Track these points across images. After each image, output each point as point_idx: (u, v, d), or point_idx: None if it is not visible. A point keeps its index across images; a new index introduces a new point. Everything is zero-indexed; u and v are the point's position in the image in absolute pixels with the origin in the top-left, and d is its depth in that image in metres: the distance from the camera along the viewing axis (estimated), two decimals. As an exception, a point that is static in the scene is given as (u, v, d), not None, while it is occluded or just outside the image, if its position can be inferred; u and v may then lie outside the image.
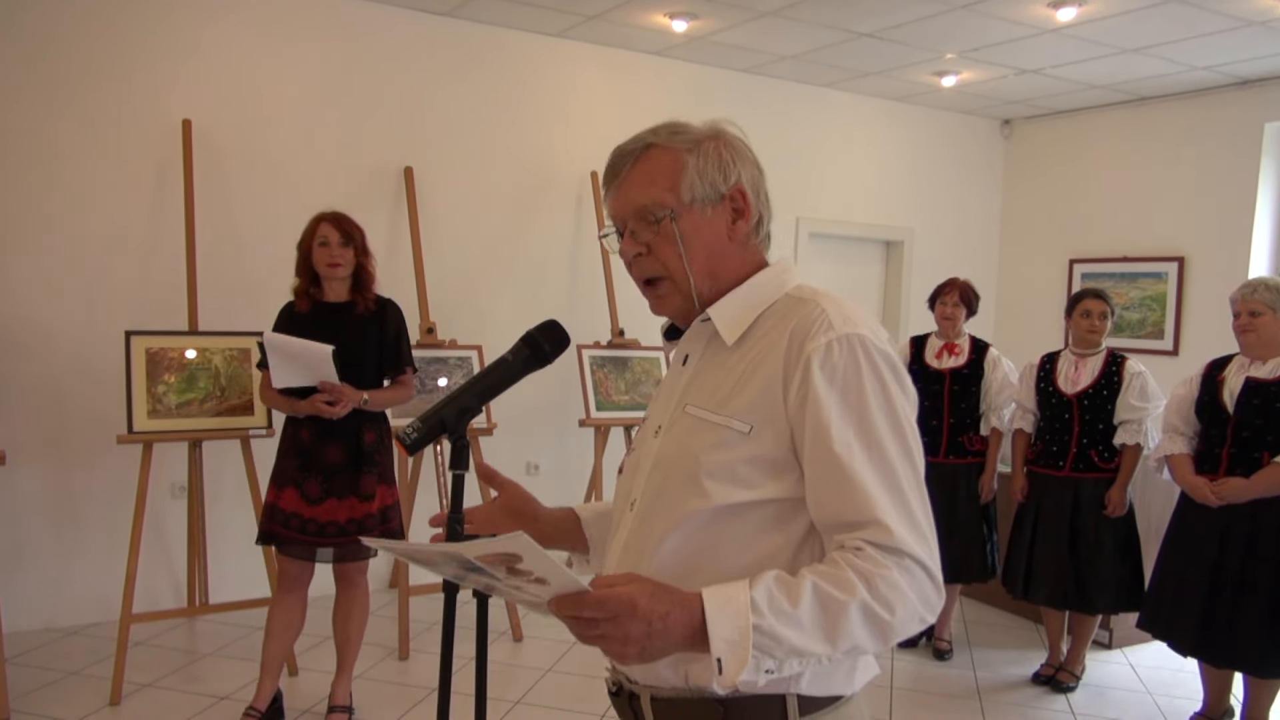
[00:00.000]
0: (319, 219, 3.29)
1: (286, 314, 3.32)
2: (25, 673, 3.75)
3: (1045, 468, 3.99)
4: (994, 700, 3.89)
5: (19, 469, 4.12)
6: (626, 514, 1.34)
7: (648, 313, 1.41)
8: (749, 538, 1.23)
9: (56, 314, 4.25)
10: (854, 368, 1.20)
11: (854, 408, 1.19)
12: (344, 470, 3.24)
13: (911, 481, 1.19)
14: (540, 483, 5.50)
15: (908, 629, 1.15)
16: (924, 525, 1.18)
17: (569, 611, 1.07)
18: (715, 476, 1.22)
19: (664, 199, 1.29)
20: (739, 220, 1.33)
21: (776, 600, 1.10)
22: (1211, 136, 5.93)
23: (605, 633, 1.07)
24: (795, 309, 1.28)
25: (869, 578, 1.12)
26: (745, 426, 1.23)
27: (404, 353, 3.40)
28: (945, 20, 4.82)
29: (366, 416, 3.29)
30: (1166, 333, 6.14)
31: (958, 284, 4.34)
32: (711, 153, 1.31)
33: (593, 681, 3.82)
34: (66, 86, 4.22)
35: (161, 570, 4.49)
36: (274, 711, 3.36)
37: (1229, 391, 3.37)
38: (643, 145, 1.32)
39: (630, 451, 1.44)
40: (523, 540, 1.01)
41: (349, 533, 3.23)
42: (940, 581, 1.18)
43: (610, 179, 1.35)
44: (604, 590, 1.07)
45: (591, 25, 5.16)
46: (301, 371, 3.17)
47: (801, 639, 1.10)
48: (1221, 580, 3.33)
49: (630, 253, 1.33)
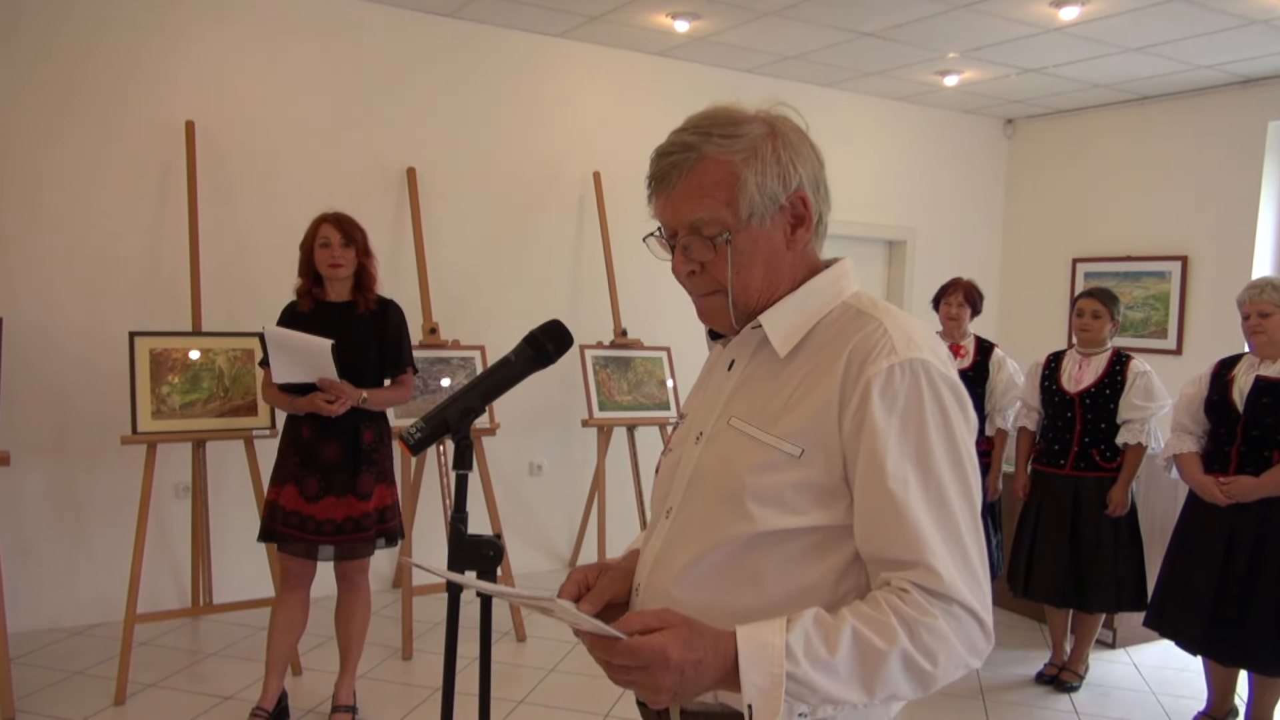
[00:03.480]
0: (321, 220, 3.30)
1: (289, 313, 3.33)
2: (30, 673, 3.76)
3: (1047, 466, 3.99)
4: (997, 700, 3.88)
5: (24, 470, 4.13)
6: (662, 521, 1.30)
7: (650, 313, 1.41)
8: (791, 564, 1.17)
9: (60, 315, 4.26)
10: (916, 396, 1.14)
11: (913, 439, 1.13)
12: (342, 468, 3.25)
13: (968, 521, 1.14)
14: (542, 483, 5.51)
15: (950, 677, 1.11)
16: (978, 569, 1.13)
17: (602, 657, 1.06)
18: (761, 500, 1.17)
19: (720, 216, 1.19)
20: (799, 228, 1.24)
21: (813, 646, 1.05)
22: (1215, 135, 5.92)
23: (637, 680, 1.06)
24: (854, 323, 1.20)
25: (912, 625, 1.07)
26: (796, 450, 1.16)
27: (404, 353, 3.40)
28: (947, 20, 4.81)
29: (365, 415, 3.30)
30: (1170, 332, 6.14)
31: (962, 284, 4.34)
32: (770, 158, 1.21)
33: (596, 681, 3.83)
34: (69, 88, 4.23)
35: (166, 570, 4.50)
36: (280, 711, 3.36)
37: (1238, 390, 3.36)
38: (695, 155, 1.20)
39: (667, 451, 1.38)
40: (558, 604, 1.03)
41: (346, 531, 3.24)
42: (990, 628, 1.13)
43: (659, 186, 1.24)
44: (637, 641, 1.05)
45: (594, 26, 5.16)
46: (301, 367, 3.18)
47: (837, 688, 1.06)
48: (1229, 579, 3.32)
49: (683, 271, 1.25)
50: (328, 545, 3.27)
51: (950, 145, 6.88)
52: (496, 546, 1.42)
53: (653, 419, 5.08)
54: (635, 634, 1.06)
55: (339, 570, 3.38)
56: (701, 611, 1.15)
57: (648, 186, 1.27)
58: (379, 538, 3.34)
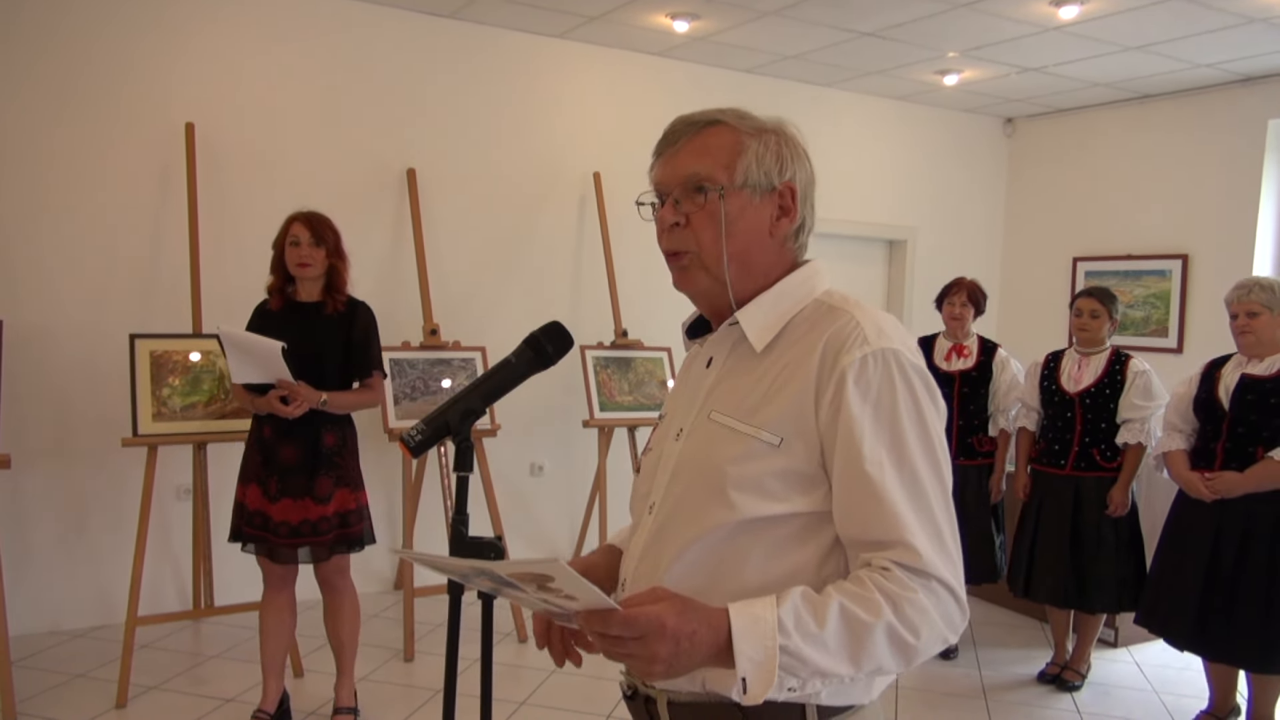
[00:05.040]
0: (292, 219, 3.26)
1: (258, 312, 3.31)
2: (31, 675, 3.76)
3: (1047, 466, 3.98)
4: (1000, 699, 3.88)
5: (24, 472, 4.13)
6: (645, 516, 1.33)
7: (651, 313, 1.42)
8: (774, 551, 1.21)
9: (61, 318, 4.26)
10: (888, 384, 1.19)
11: (887, 425, 1.18)
12: (298, 471, 3.20)
13: (941, 502, 1.19)
14: (544, 484, 5.50)
15: (931, 650, 1.16)
16: (951, 547, 1.18)
17: (597, 629, 1.07)
18: (742, 489, 1.21)
19: (717, 174, 1.27)
20: (783, 218, 1.31)
21: (803, 621, 1.09)
22: (1215, 134, 5.92)
23: (633, 651, 1.07)
24: (827, 317, 1.26)
25: (895, 600, 1.12)
26: (775, 439, 1.21)
27: (372, 356, 3.33)
28: (947, 19, 4.81)
29: (327, 418, 3.24)
30: (1171, 330, 6.13)
31: (965, 284, 4.34)
32: (773, 144, 1.30)
33: (598, 682, 3.83)
34: (67, 90, 4.23)
35: (167, 573, 4.50)
36: (282, 713, 3.36)
37: (1224, 388, 3.40)
38: (709, 120, 1.30)
39: (647, 451, 1.43)
40: (558, 566, 1.02)
41: (302, 534, 3.19)
42: (964, 603, 1.18)
43: (665, 145, 1.32)
44: (633, 610, 1.07)
45: (593, 26, 5.16)
46: (255, 367, 3.15)
47: (826, 660, 1.10)
48: (1216, 575, 3.35)
49: (668, 220, 1.30)
50: (288, 548, 3.23)
51: (951, 144, 6.88)
52: (498, 548, 1.41)
53: (653, 420, 5.06)
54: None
55: (317, 574, 3.34)
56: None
57: (654, 154, 1.34)
58: (339, 543, 3.27)
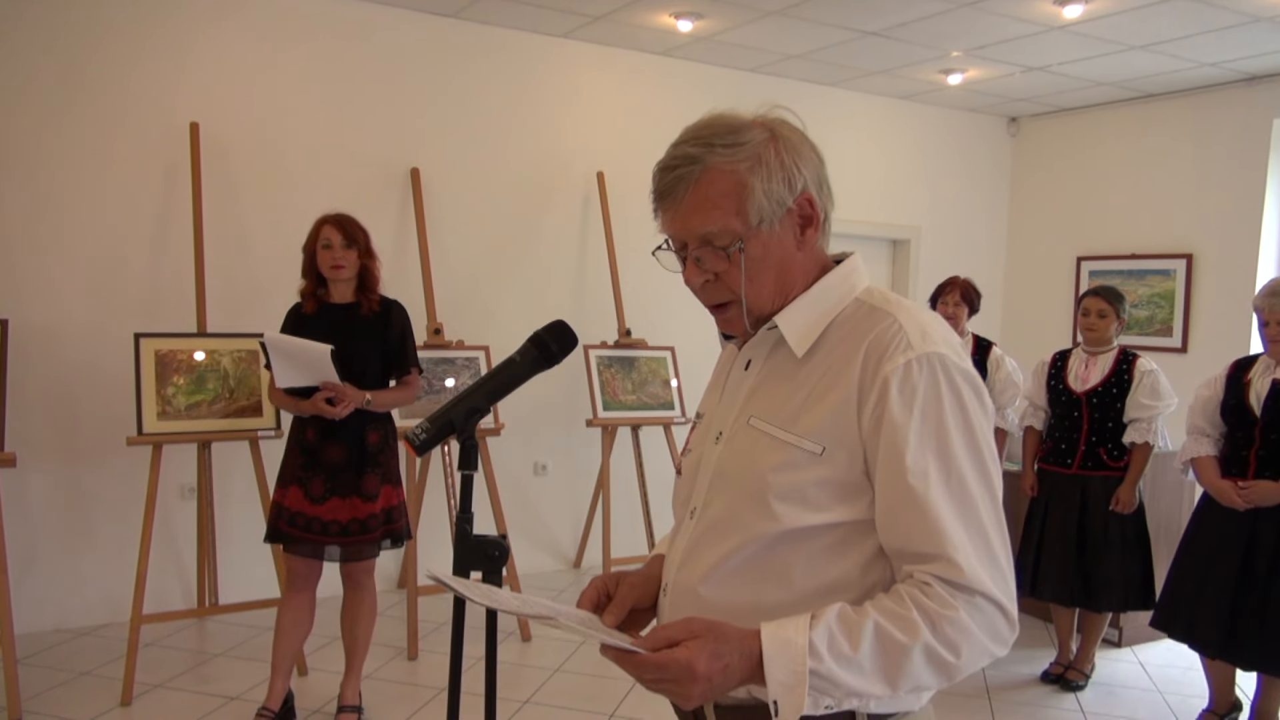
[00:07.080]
0: (322, 221, 3.30)
1: (293, 315, 3.34)
2: (36, 673, 3.77)
3: (1054, 465, 3.98)
4: (1003, 699, 3.88)
5: (29, 471, 4.14)
6: (686, 521, 1.31)
7: (654, 312, 1.42)
8: (817, 560, 1.19)
9: (66, 317, 4.27)
10: (934, 390, 1.15)
11: (932, 433, 1.14)
12: (347, 469, 3.25)
13: (990, 512, 1.15)
14: (547, 483, 5.51)
15: (974, 666, 1.13)
16: (1001, 557, 1.14)
17: (629, 671, 1.09)
18: (785, 498, 1.18)
19: (731, 225, 1.20)
20: (808, 228, 1.25)
21: (836, 643, 1.08)
22: (1219, 133, 5.91)
23: (668, 689, 1.09)
24: (868, 319, 1.22)
25: (934, 619, 1.09)
26: (817, 447, 1.18)
27: (409, 354, 3.40)
28: (951, 18, 4.81)
29: (370, 417, 3.30)
30: (1175, 330, 6.12)
31: (958, 283, 4.34)
32: (774, 164, 1.21)
33: (602, 681, 3.83)
34: (72, 90, 4.24)
35: (171, 571, 4.51)
36: (286, 711, 3.37)
37: (1255, 394, 3.33)
38: (700, 167, 1.20)
39: (686, 451, 1.39)
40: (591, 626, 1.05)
41: (351, 532, 3.25)
42: (1013, 616, 1.15)
43: (664, 200, 1.23)
44: (662, 656, 1.08)
45: (597, 26, 5.16)
46: (302, 371, 3.19)
47: (860, 682, 1.09)
48: (1249, 582, 3.29)
49: (697, 282, 1.25)
50: (334, 546, 3.28)
51: (954, 144, 6.87)
52: (502, 547, 1.42)
53: (657, 419, 5.09)
54: (661, 648, 1.09)
55: (344, 571, 3.39)
56: (730, 608, 1.18)
57: (653, 201, 1.26)
58: (385, 538, 3.35)
